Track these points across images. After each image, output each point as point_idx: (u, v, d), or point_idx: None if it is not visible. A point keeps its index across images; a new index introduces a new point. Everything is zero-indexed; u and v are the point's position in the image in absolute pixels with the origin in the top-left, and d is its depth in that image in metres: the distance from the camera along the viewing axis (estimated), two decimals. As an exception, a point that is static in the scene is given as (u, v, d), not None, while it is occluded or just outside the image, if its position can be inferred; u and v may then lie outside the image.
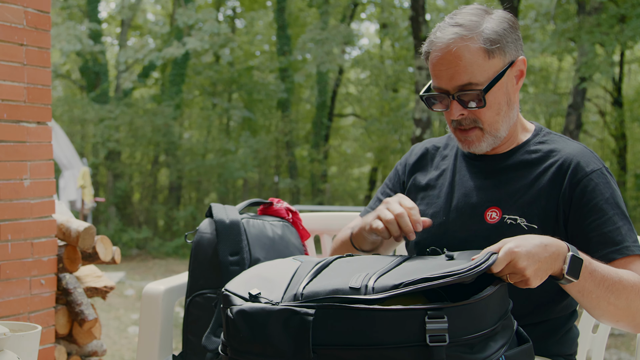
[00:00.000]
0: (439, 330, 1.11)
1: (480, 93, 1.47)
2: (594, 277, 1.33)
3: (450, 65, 1.47)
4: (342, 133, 19.24)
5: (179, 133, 15.76)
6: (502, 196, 1.54)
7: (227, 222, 1.73)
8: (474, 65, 1.47)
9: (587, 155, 1.53)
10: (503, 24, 1.51)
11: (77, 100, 15.33)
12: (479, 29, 1.48)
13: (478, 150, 1.56)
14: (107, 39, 17.79)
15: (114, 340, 5.96)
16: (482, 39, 1.47)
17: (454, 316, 1.13)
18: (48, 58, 2.86)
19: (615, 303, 1.35)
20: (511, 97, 1.54)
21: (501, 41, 1.49)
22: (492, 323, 1.20)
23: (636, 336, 1.77)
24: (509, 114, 1.54)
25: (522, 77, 1.56)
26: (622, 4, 10.47)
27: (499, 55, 1.49)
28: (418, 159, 1.75)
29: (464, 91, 1.48)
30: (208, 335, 1.62)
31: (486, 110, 1.50)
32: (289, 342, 1.16)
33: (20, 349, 1.23)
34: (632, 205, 14.56)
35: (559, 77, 17.19)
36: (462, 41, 1.47)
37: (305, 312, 1.15)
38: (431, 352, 1.11)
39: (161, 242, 14.15)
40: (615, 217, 1.46)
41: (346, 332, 1.13)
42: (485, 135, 1.53)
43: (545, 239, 1.29)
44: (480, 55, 1.47)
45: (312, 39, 13.51)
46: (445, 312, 1.12)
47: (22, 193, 2.74)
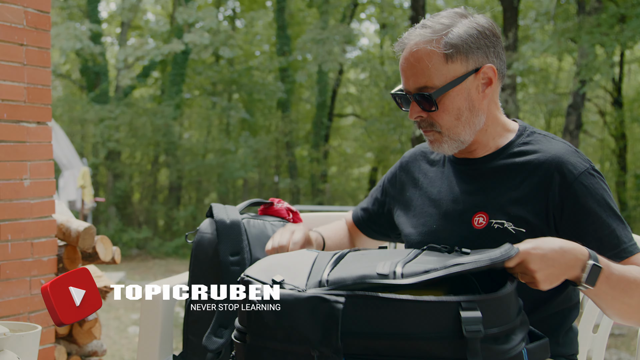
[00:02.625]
0: (474, 322, 1.12)
1: (432, 97, 1.49)
2: (610, 281, 1.33)
3: (410, 67, 1.51)
4: (342, 133, 19.24)
5: (179, 133, 15.76)
6: (489, 201, 1.53)
7: (228, 222, 1.73)
8: (430, 68, 1.48)
9: (573, 156, 1.51)
10: (471, 30, 1.51)
11: (77, 100, 15.33)
12: (442, 33, 1.50)
13: (442, 151, 1.57)
14: (107, 39, 17.79)
15: (114, 340, 5.96)
16: (443, 42, 1.49)
17: (485, 308, 1.14)
18: (48, 58, 2.86)
19: (629, 302, 1.36)
20: (475, 103, 1.52)
21: (463, 46, 1.49)
22: (513, 317, 1.21)
23: (636, 336, 1.77)
24: (472, 120, 1.53)
25: (490, 85, 1.54)
26: (622, 4, 10.48)
27: (459, 60, 1.49)
28: (408, 167, 1.76)
29: (418, 94, 1.50)
30: (208, 335, 1.62)
31: (442, 114, 1.51)
32: (317, 329, 1.15)
33: (20, 349, 1.23)
34: (632, 205, 14.56)
35: (559, 77, 17.19)
36: (423, 44, 1.49)
37: (335, 300, 1.15)
38: (467, 343, 1.11)
39: (161, 242, 14.15)
40: (609, 220, 1.45)
41: (376, 322, 1.13)
42: (444, 138, 1.54)
43: (567, 245, 1.29)
44: (439, 59, 1.48)
45: (313, 38, 13.52)
46: (477, 304, 1.14)
47: (22, 193, 2.74)
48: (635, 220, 14.39)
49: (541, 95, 14.59)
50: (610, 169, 16.67)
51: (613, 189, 15.99)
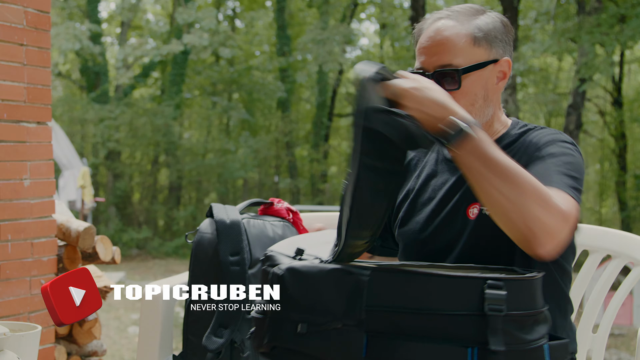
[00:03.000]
0: (497, 300, 1.11)
1: (457, 74, 1.49)
2: (482, 156, 1.25)
3: (436, 45, 1.50)
4: (342, 133, 19.23)
5: (179, 133, 15.76)
6: None
7: (228, 222, 1.73)
8: (457, 47, 1.50)
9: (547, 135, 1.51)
10: (496, 21, 1.55)
11: (77, 100, 15.34)
12: (473, 18, 1.53)
13: None
14: (107, 39, 17.79)
15: (114, 340, 5.96)
16: (473, 26, 1.52)
17: (512, 289, 1.13)
18: (48, 58, 2.86)
19: (503, 191, 1.23)
20: (489, 93, 1.54)
21: (490, 34, 1.52)
22: (540, 306, 1.20)
23: (636, 336, 1.77)
24: (484, 110, 1.54)
25: (504, 79, 1.57)
26: (622, 4, 10.48)
27: (484, 47, 1.51)
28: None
29: (439, 71, 1.49)
30: (208, 335, 1.62)
31: (460, 96, 1.49)
32: (341, 301, 1.15)
33: (20, 349, 1.23)
34: (632, 205, 14.56)
35: (559, 77, 17.19)
36: (452, 24, 1.51)
37: (361, 272, 1.15)
38: (487, 321, 1.11)
39: (161, 242, 14.15)
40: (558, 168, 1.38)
41: (401, 297, 1.13)
42: None
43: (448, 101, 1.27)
44: (467, 40, 1.50)
45: (313, 39, 13.52)
46: (504, 283, 1.13)
47: (22, 193, 2.74)
48: (635, 220, 14.39)
49: (541, 95, 14.60)
50: (610, 169, 16.67)
51: (613, 188, 16.00)
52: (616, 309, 1.80)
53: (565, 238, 1.26)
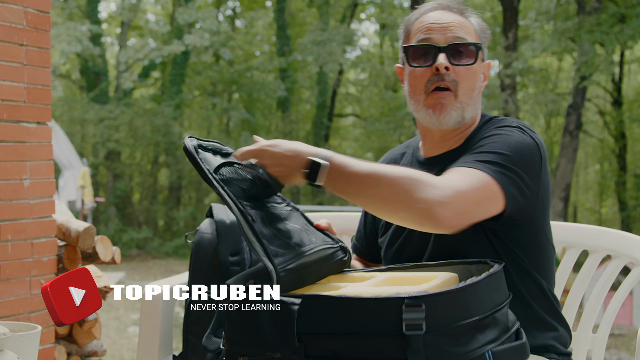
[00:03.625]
0: (415, 319, 1.10)
1: (475, 49, 1.50)
2: (346, 177, 1.29)
3: (447, 21, 1.51)
4: (342, 133, 19.24)
5: (179, 133, 15.75)
6: None
7: (228, 223, 1.73)
8: (468, 29, 1.51)
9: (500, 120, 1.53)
10: (485, 25, 1.58)
11: (77, 101, 15.33)
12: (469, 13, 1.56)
13: (447, 118, 1.51)
14: (107, 39, 17.79)
15: (114, 340, 5.96)
16: (474, 20, 1.55)
17: (433, 305, 1.12)
18: (48, 58, 2.86)
19: (376, 194, 1.29)
20: (481, 87, 1.56)
21: (484, 34, 1.56)
22: (478, 313, 1.17)
23: (636, 336, 1.77)
24: (477, 100, 1.54)
25: (485, 81, 1.58)
26: (622, 3, 10.48)
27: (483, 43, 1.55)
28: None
29: (456, 44, 1.49)
30: (208, 335, 1.61)
31: (469, 76, 1.50)
32: (277, 331, 1.18)
33: (20, 349, 1.23)
34: (632, 205, 14.55)
35: (559, 77, 17.18)
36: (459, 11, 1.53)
37: (292, 302, 1.18)
38: (408, 341, 1.10)
39: (161, 242, 14.15)
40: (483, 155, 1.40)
41: (330, 321, 1.15)
42: (457, 102, 1.50)
43: (301, 147, 1.31)
44: (473, 29, 1.53)
45: (313, 40, 13.51)
46: (423, 301, 1.11)
47: (22, 193, 2.74)
48: (635, 220, 14.38)
49: (541, 95, 14.57)
50: (610, 169, 16.67)
51: (613, 188, 16.00)
52: (616, 309, 1.80)
53: (458, 207, 1.28)
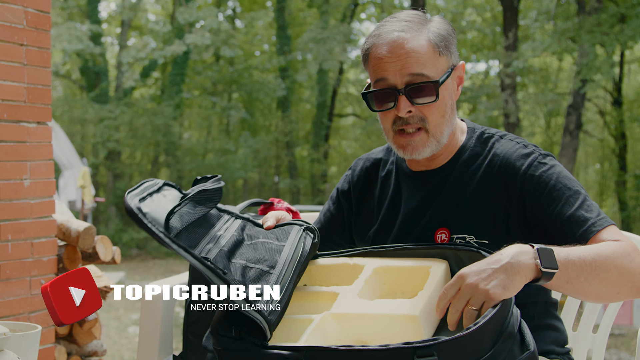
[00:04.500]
0: None
1: (434, 85, 1.41)
2: (572, 262, 1.25)
3: (400, 57, 1.42)
4: (342, 133, 19.24)
5: (179, 133, 15.76)
6: (449, 215, 1.49)
7: (228, 222, 1.73)
8: (425, 57, 1.42)
9: (519, 152, 1.47)
10: (446, 26, 1.48)
11: (77, 100, 15.33)
12: (426, 26, 1.45)
13: (420, 156, 1.48)
14: (108, 39, 17.79)
15: (114, 340, 5.96)
16: (431, 34, 1.44)
17: (445, 351, 1.07)
18: (48, 58, 2.86)
19: (607, 277, 1.27)
20: (454, 101, 1.50)
21: (447, 41, 1.46)
22: (489, 348, 1.13)
23: (636, 336, 1.77)
24: (451, 119, 1.49)
25: (461, 84, 1.52)
26: (622, 3, 10.48)
27: (445, 55, 1.45)
28: (361, 180, 1.70)
29: (414, 84, 1.42)
30: (208, 335, 1.61)
31: (435, 109, 1.44)
32: None
33: (20, 349, 1.23)
34: (632, 205, 14.55)
35: (559, 77, 17.19)
36: (410, 34, 1.43)
37: (295, 356, 1.11)
38: None
39: (161, 242, 14.12)
40: (571, 199, 1.39)
41: None
42: (430, 138, 1.46)
43: (497, 255, 1.21)
44: (431, 49, 1.43)
45: (313, 38, 13.51)
46: (435, 349, 1.07)
47: (22, 193, 2.74)
48: (635, 220, 14.38)
49: (541, 95, 14.58)
50: (610, 169, 16.67)
51: (613, 188, 16.00)
52: (616, 309, 1.80)
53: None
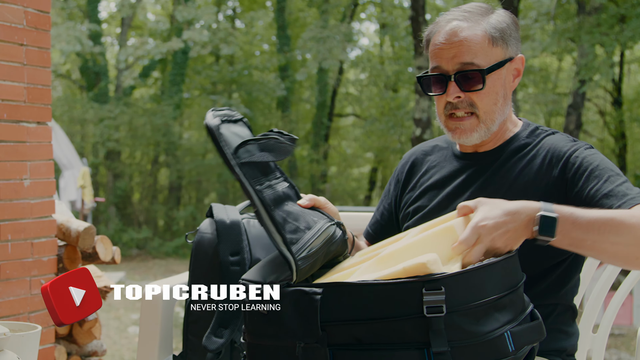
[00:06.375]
0: (435, 302, 1.12)
1: (481, 74, 1.49)
2: (580, 226, 1.28)
3: (453, 45, 1.50)
4: (342, 133, 19.23)
5: (178, 133, 15.76)
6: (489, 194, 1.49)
7: (228, 222, 1.73)
8: (477, 47, 1.50)
9: (568, 141, 1.54)
10: (507, 19, 1.56)
11: (77, 100, 15.33)
12: (486, 17, 1.54)
13: (468, 141, 1.56)
14: (107, 39, 17.78)
15: (114, 340, 5.97)
16: (488, 25, 1.52)
17: (452, 286, 1.14)
18: (48, 58, 2.86)
19: (619, 241, 1.29)
20: (507, 92, 1.56)
21: (505, 33, 1.53)
22: (494, 292, 1.18)
23: (636, 336, 1.77)
24: (504, 108, 1.56)
25: (518, 77, 1.59)
26: (622, 4, 10.47)
27: (501, 46, 1.53)
28: (409, 170, 1.76)
29: (462, 72, 1.50)
30: (208, 335, 1.62)
31: (484, 96, 1.51)
32: (299, 321, 1.20)
33: (20, 349, 1.23)
34: (632, 205, 14.53)
35: (559, 77, 17.19)
36: (468, 24, 1.51)
37: (314, 291, 1.19)
38: (429, 323, 1.12)
39: (161, 242, 14.14)
40: (612, 178, 1.43)
41: (352, 308, 1.17)
42: (480, 124, 1.54)
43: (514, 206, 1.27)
44: (485, 40, 1.51)
45: (313, 37, 13.51)
46: (442, 283, 1.13)
47: (22, 193, 2.74)
48: (635, 220, 14.35)
49: (541, 95, 14.58)
50: (610, 169, 16.62)
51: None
52: (616, 309, 1.80)
53: None
